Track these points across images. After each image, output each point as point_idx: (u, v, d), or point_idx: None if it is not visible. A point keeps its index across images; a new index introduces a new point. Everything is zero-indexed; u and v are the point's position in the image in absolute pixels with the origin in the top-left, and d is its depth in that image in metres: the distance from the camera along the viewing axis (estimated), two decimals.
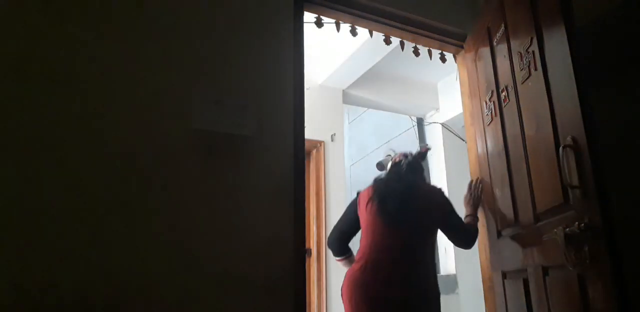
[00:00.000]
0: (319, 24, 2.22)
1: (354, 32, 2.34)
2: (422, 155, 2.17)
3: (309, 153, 3.89)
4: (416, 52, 2.52)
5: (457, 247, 2.15)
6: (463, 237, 2.04)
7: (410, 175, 2.04)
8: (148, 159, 1.49)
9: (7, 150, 1.32)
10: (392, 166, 2.12)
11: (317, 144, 3.89)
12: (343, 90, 4.19)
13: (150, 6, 1.63)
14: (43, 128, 1.37)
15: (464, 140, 3.05)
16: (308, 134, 1.91)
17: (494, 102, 2.01)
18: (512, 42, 1.81)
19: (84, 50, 1.49)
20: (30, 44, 1.42)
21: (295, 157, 1.73)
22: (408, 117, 4.66)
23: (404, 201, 1.91)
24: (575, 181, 1.34)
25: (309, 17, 2.08)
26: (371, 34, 2.42)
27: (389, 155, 2.19)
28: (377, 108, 4.55)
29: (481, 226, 2.25)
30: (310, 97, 2.47)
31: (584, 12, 1.72)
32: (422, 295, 1.86)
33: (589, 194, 1.30)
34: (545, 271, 1.58)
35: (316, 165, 3.88)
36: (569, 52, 1.39)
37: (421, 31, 2.35)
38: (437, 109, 4.39)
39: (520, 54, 1.71)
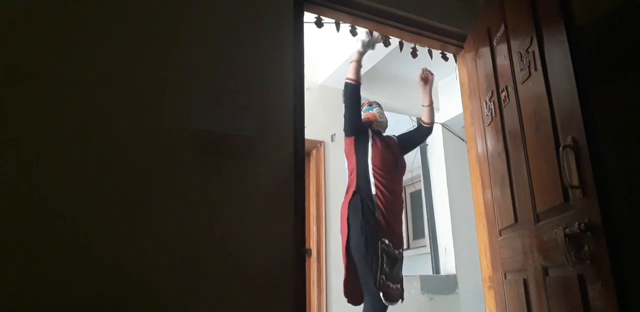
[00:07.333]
0: (319, 24, 2.22)
1: (354, 32, 2.34)
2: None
3: (309, 153, 3.89)
4: (414, 54, 2.52)
5: (457, 248, 2.15)
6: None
7: None
8: (148, 159, 1.49)
9: (7, 150, 1.32)
10: None
11: (317, 144, 3.90)
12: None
13: (150, 6, 1.63)
14: (42, 128, 1.37)
15: (464, 141, 3.05)
16: (308, 134, 1.91)
17: (494, 102, 2.01)
18: (512, 42, 1.81)
19: (84, 51, 1.48)
20: (30, 44, 1.42)
21: (295, 157, 1.73)
22: (408, 117, 4.66)
23: None
24: (575, 181, 1.34)
25: (309, 17, 2.08)
26: (371, 34, 2.41)
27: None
28: None
29: (481, 225, 2.25)
30: (310, 97, 2.47)
31: (584, 12, 1.72)
32: None
33: (589, 194, 1.30)
34: (545, 271, 1.58)
35: (316, 165, 3.88)
36: (569, 52, 1.39)
37: (421, 31, 2.35)
38: (437, 109, 4.39)
39: (520, 54, 1.71)
